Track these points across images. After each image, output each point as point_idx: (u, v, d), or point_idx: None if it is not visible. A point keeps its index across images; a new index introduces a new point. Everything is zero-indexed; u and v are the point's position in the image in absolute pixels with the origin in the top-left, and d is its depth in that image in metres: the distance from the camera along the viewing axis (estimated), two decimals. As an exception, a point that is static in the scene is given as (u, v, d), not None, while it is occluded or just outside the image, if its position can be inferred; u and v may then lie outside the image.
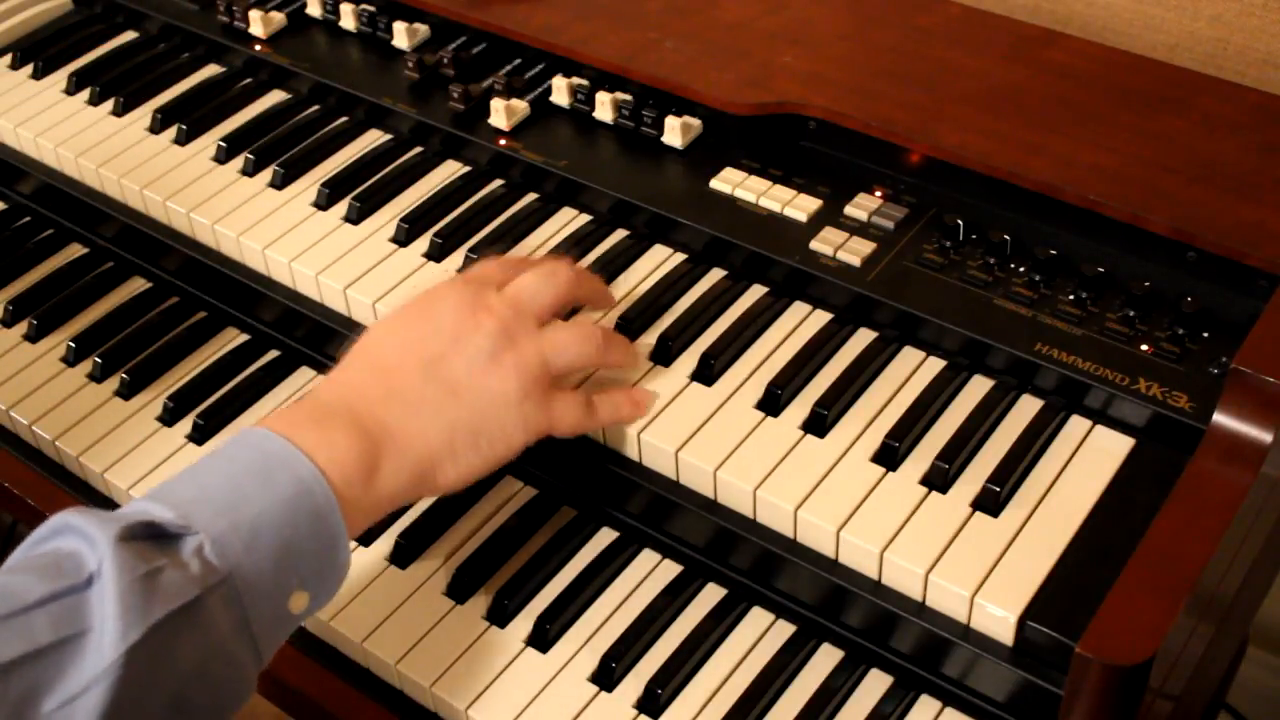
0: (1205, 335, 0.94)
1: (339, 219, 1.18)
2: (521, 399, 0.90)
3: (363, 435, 0.85)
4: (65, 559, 0.75)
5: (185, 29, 1.41)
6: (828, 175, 1.11)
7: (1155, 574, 0.79)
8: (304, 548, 0.80)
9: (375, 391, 0.88)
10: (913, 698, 0.91)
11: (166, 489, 0.81)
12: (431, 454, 0.88)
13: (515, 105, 1.20)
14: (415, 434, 0.87)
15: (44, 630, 0.72)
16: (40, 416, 1.16)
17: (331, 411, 0.86)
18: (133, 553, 0.74)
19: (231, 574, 0.77)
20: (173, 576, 0.75)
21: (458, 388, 0.89)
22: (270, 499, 0.80)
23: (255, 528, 0.78)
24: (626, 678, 0.93)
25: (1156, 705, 0.84)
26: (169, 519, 0.78)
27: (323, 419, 0.85)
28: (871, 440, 0.94)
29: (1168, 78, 1.12)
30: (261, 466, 0.81)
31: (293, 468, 0.81)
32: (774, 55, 1.17)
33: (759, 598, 0.97)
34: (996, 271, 1.01)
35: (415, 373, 0.89)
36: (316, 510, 0.81)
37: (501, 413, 0.90)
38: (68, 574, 0.74)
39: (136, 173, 1.25)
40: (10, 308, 1.27)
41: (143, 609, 0.73)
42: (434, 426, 0.88)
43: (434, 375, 0.89)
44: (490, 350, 0.90)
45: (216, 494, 0.79)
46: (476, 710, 0.92)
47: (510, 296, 0.94)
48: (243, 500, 0.79)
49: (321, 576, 0.82)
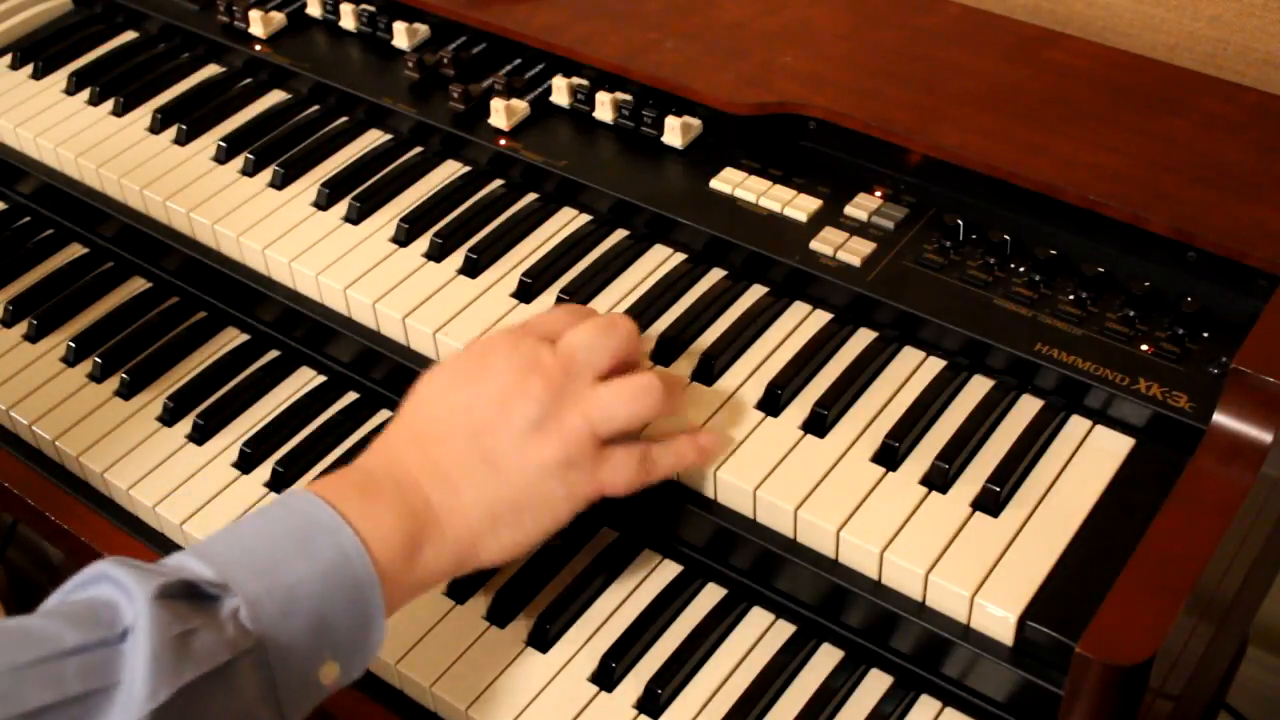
0: (1205, 335, 0.94)
1: (339, 219, 1.18)
2: (566, 469, 0.87)
3: (408, 513, 0.83)
4: (102, 608, 0.74)
5: (185, 29, 1.41)
6: (828, 175, 1.11)
7: (1155, 574, 0.79)
8: (339, 620, 0.79)
9: (421, 465, 0.86)
10: (913, 698, 0.91)
11: (208, 545, 0.80)
12: (472, 534, 0.85)
13: (515, 105, 1.20)
14: (457, 513, 0.85)
15: (74, 680, 0.71)
16: (40, 416, 1.16)
17: (378, 484, 0.84)
18: (169, 611, 0.73)
19: (263, 640, 0.76)
20: (206, 639, 0.74)
21: (501, 463, 0.86)
22: (310, 567, 0.78)
23: (292, 594, 0.77)
24: (626, 678, 0.93)
25: (1156, 705, 0.84)
26: (208, 578, 0.77)
27: (369, 491, 0.84)
28: (871, 440, 0.94)
29: (1168, 78, 1.12)
30: (305, 533, 0.80)
31: (335, 538, 0.80)
32: (774, 55, 1.17)
33: (759, 598, 0.97)
34: (996, 271, 1.01)
35: (460, 447, 0.86)
36: (356, 583, 0.79)
37: (546, 486, 0.86)
38: (103, 625, 0.73)
39: (136, 173, 1.25)
40: (10, 308, 1.27)
41: (174, 670, 0.72)
42: (476, 506, 0.85)
43: (478, 448, 0.86)
44: (537, 419, 0.86)
45: (257, 556, 0.78)
46: (476, 710, 0.92)
47: (564, 355, 0.89)
48: (282, 565, 0.78)
49: (354, 649, 0.80)
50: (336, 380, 1.17)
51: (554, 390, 0.87)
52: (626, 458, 0.89)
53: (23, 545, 2.10)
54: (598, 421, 0.88)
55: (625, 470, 0.89)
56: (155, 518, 1.08)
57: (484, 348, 0.91)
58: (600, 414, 0.88)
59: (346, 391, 1.16)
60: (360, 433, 1.12)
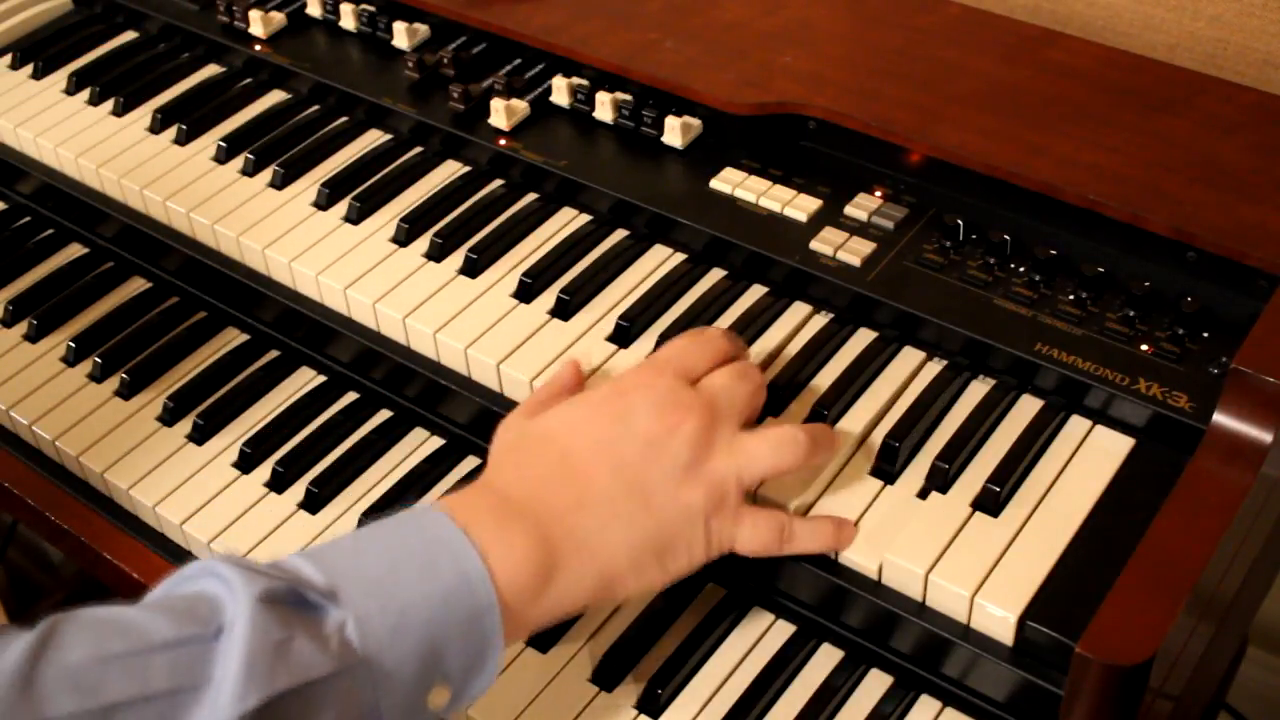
0: (1205, 335, 0.94)
1: (339, 219, 1.18)
2: (711, 515, 0.85)
3: (544, 544, 0.80)
4: (202, 604, 0.72)
5: (185, 29, 1.41)
6: (828, 175, 1.11)
7: (1155, 574, 0.79)
8: (453, 646, 0.75)
9: (566, 497, 0.82)
10: (913, 698, 0.91)
11: (324, 551, 0.77)
12: (616, 569, 0.82)
13: (515, 105, 1.20)
14: (601, 547, 0.82)
15: (160, 676, 0.68)
16: (40, 416, 1.16)
17: (516, 512, 0.81)
18: (272, 615, 0.70)
19: (369, 659, 0.72)
20: (305, 648, 0.70)
21: (650, 499, 0.83)
22: (428, 588, 0.75)
23: (405, 615, 0.73)
24: (626, 678, 0.93)
25: (1156, 705, 0.84)
26: (318, 584, 0.73)
27: (505, 518, 0.80)
28: (872, 441, 0.94)
29: (1167, 78, 1.12)
30: (427, 552, 0.76)
31: (460, 561, 0.76)
32: (774, 55, 1.17)
33: (759, 598, 0.97)
34: (996, 271, 1.01)
35: (608, 480, 0.83)
36: (476, 610, 0.76)
37: (689, 529, 0.84)
38: (199, 621, 0.70)
39: (136, 173, 1.25)
40: (10, 308, 1.27)
41: (267, 676, 0.68)
42: (623, 540, 0.82)
43: (627, 483, 0.83)
44: (688, 461, 0.84)
45: (372, 570, 0.75)
46: (476, 710, 0.92)
47: (707, 397, 0.87)
48: (398, 583, 0.74)
49: (467, 676, 0.77)
50: (336, 380, 1.17)
51: (700, 432, 0.85)
52: (769, 522, 0.87)
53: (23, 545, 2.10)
54: (744, 469, 0.86)
55: (764, 534, 0.87)
56: (155, 518, 1.08)
57: (622, 386, 0.88)
58: (747, 461, 0.86)
59: (346, 391, 1.16)
60: (360, 432, 1.12)
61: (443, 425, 1.11)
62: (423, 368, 1.08)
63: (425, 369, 1.07)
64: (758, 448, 0.87)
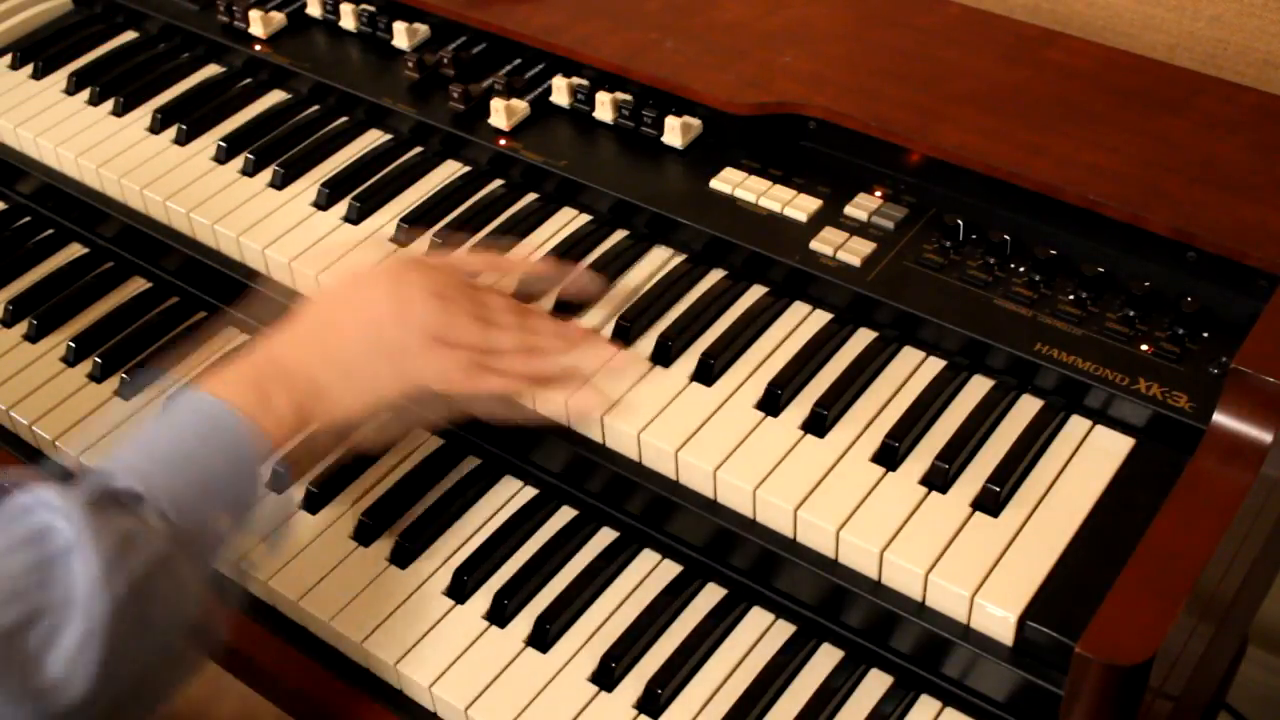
0: (1205, 335, 0.94)
1: (339, 219, 1.18)
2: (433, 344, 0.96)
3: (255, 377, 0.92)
4: (38, 531, 0.80)
5: (185, 29, 1.41)
6: (828, 175, 1.11)
7: (1155, 574, 0.79)
8: (233, 481, 0.89)
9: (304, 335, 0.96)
10: (913, 698, 0.91)
11: (123, 453, 0.87)
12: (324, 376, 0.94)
13: (515, 105, 1.20)
14: (327, 364, 0.94)
15: (37, 595, 0.77)
16: (40, 416, 1.16)
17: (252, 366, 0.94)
18: (101, 518, 0.80)
19: (184, 526, 0.84)
20: (138, 531, 0.81)
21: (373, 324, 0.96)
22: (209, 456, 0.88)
23: (205, 485, 0.87)
24: (626, 678, 0.93)
25: (1156, 705, 0.84)
26: (129, 487, 0.84)
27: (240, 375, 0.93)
28: (871, 440, 0.94)
29: (1168, 78, 1.12)
30: (197, 430, 0.89)
31: (221, 422, 0.89)
32: (774, 55, 1.17)
33: (759, 598, 0.97)
34: (996, 271, 1.01)
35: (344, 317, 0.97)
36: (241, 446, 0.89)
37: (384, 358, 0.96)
38: (46, 541, 0.79)
39: (136, 173, 1.25)
40: (10, 308, 1.27)
41: (121, 565, 0.78)
42: (345, 356, 0.95)
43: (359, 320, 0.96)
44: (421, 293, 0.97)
45: (165, 455, 0.87)
46: (476, 710, 0.92)
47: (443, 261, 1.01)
48: (188, 457, 0.87)
49: (243, 505, 0.90)
50: (336, 380, 1.17)
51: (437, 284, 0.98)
52: (454, 360, 0.97)
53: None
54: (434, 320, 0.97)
55: (443, 366, 0.97)
56: (155, 518, 1.08)
57: None
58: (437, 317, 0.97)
59: (346, 391, 1.16)
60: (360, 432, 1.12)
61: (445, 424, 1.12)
62: (423, 368, 1.07)
63: (425, 369, 1.07)
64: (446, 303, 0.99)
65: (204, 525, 0.86)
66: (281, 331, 0.96)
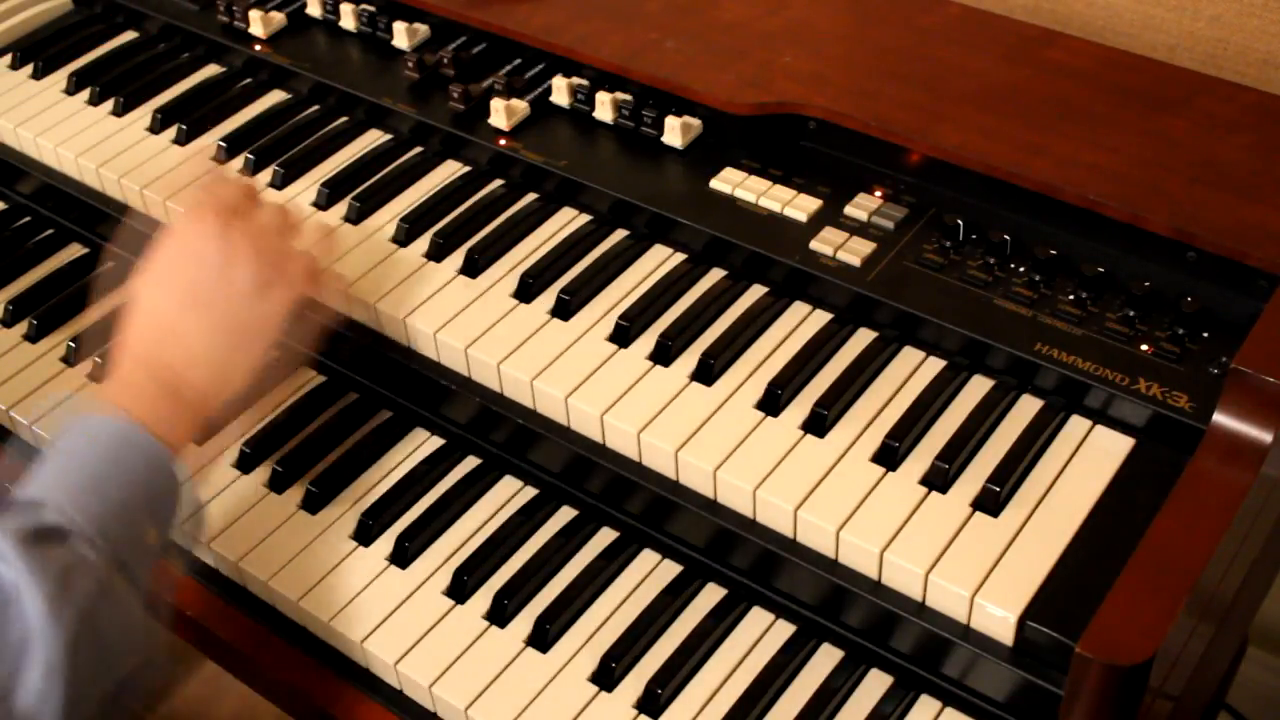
0: (1205, 335, 0.94)
1: (339, 219, 1.18)
2: (265, 288, 0.99)
3: (147, 372, 0.96)
4: None
5: (185, 29, 1.41)
6: (828, 175, 1.11)
7: (1155, 574, 0.79)
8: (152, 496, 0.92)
9: (148, 331, 0.98)
10: (913, 698, 0.91)
11: (40, 483, 0.89)
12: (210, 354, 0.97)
13: (515, 105, 1.20)
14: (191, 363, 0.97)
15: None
16: (40, 417, 1.16)
17: (129, 370, 0.97)
18: (38, 555, 0.82)
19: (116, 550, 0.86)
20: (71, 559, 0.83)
21: (209, 303, 0.98)
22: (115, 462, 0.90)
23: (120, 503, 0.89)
24: (626, 678, 0.93)
25: (1156, 705, 0.84)
26: (56, 521, 0.85)
27: (125, 381, 0.96)
28: (871, 440, 0.94)
29: (1168, 78, 1.12)
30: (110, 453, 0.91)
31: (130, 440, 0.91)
32: (774, 55, 1.17)
33: (759, 598, 0.97)
34: (996, 271, 1.01)
35: (176, 307, 0.98)
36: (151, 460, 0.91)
37: (252, 306, 0.99)
38: None
39: (136, 173, 1.25)
40: (10, 308, 1.27)
41: (65, 598, 0.81)
42: (200, 346, 0.97)
43: (191, 302, 0.98)
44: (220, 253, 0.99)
45: (84, 484, 0.89)
46: (476, 710, 0.92)
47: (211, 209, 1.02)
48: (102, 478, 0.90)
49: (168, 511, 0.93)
50: (337, 381, 1.17)
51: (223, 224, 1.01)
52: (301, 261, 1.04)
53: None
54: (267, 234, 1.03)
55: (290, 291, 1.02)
56: (155, 518, 1.08)
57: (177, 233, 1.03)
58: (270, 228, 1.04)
59: (347, 392, 1.16)
60: (360, 432, 1.12)
61: (442, 425, 1.12)
62: (423, 367, 1.08)
63: (425, 369, 1.07)
64: None
65: (133, 543, 0.89)
66: (134, 331, 0.99)
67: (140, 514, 0.90)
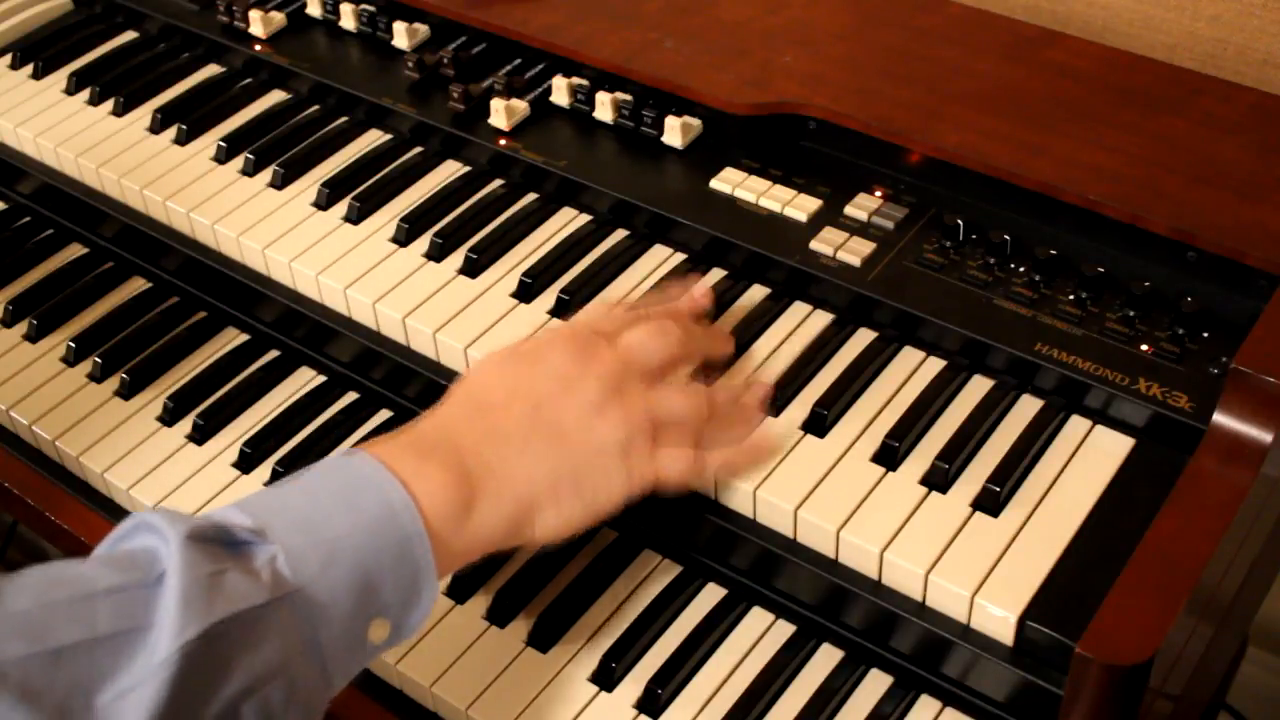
0: (1205, 335, 0.94)
1: (339, 219, 1.18)
2: (627, 447, 0.87)
3: (461, 473, 0.82)
4: (140, 554, 0.74)
5: (185, 29, 1.41)
6: (828, 175, 1.11)
7: (1155, 574, 0.79)
8: (386, 576, 0.77)
9: (479, 429, 0.85)
10: (913, 698, 0.91)
11: (250, 499, 0.79)
12: (532, 497, 0.84)
13: (515, 105, 1.20)
14: (518, 476, 0.84)
15: (105, 620, 0.70)
16: (40, 416, 1.16)
17: (431, 444, 0.83)
18: (201, 552, 0.73)
19: (303, 590, 0.74)
20: (238, 580, 0.73)
21: (564, 432, 0.86)
22: (354, 521, 0.77)
23: (334, 548, 0.76)
24: (626, 678, 0.93)
25: (1156, 705, 0.84)
26: (245, 525, 0.76)
27: (423, 451, 0.82)
28: (872, 440, 0.94)
29: (1168, 78, 1.12)
30: (350, 487, 0.79)
31: (382, 492, 0.79)
32: (774, 55, 1.17)
33: (759, 598, 0.97)
34: (996, 271, 1.01)
35: (522, 413, 0.86)
36: (404, 538, 0.78)
37: (607, 462, 0.86)
38: (140, 567, 0.73)
39: (136, 173, 1.25)
40: (10, 308, 1.27)
41: (204, 608, 0.71)
42: (538, 470, 0.85)
43: (541, 418, 0.86)
44: (599, 397, 0.87)
45: (298, 509, 0.77)
46: (476, 710, 0.92)
47: (622, 350, 0.91)
48: (325, 519, 0.77)
49: (404, 608, 0.79)
50: (336, 380, 1.17)
51: (612, 376, 0.89)
52: (682, 453, 0.90)
53: (23, 545, 2.10)
54: (658, 413, 0.89)
55: (680, 463, 0.90)
56: (155, 518, 1.08)
57: (541, 338, 0.93)
58: (660, 407, 0.90)
59: (347, 391, 1.16)
60: (360, 432, 1.12)
61: (443, 425, 1.12)
62: (423, 368, 1.08)
63: (425, 369, 1.07)
64: (671, 396, 0.91)
65: (323, 592, 0.75)
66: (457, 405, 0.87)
67: (345, 567, 0.76)
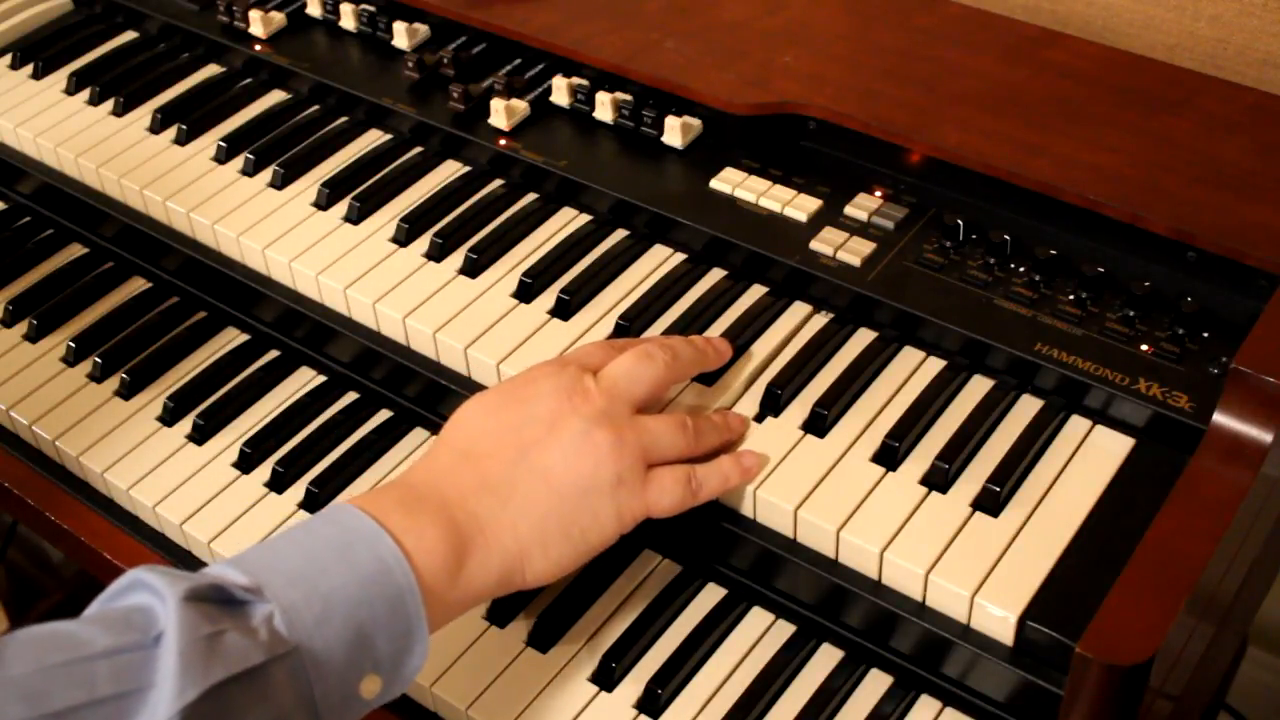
0: (1205, 335, 0.94)
1: (339, 219, 1.18)
2: (616, 485, 0.87)
3: (452, 527, 0.82)
4: (135, 614, 0.74)
5: (185, 29, 1.41)
6: (828, 175, 1.11)
7: (1155, 574, 0.79)
8: (379, 630, 0.78)
9: (468, 481, 0.85)
10: (913, 698, 0.91)
11: (244, 555, 0.79)
12: (521, 547, 0.85)
13: (515, 105, 1.20)
14: (505, 526, 0.84)
15: (104, 682, 0.70)
16: (40, 416, 1.16)
17: (421, 498, 0.84)
18: (199, 613, 0.73)
19: (300, 647, 0.74)
20: (237, 641, 0.73)
21: (551, 477, 0.86)
22: (348, 575, 0.77)
23: (329, 602, 0.76)
24: (626, 678, 0.93)
25: (1156, 705, 0.84)
26: (240, 583, 0.76)
27: (412, 505, 0.83)
28: (871, 440, 0.94)
29: (1168, 78, 1.12)
30: (343, 542, 0.79)
31: (375, 547, 0.79)
32: (774, 55, 1.17)
33: (759, 598, 0.97)
34: (996, 271, 1.01)
35: (509, 461, 0.86)
36: (396, 593, 0.78)
37: (596, 502, 0.87)
38: (136, 629, 0.73)
39: (136, 173, 1.26)
40: (10, 308, 1.27)
41: (203, 669, 0.71)
42: (526, 519, 0.85)
43: (527, 465, 0.86)
44: (584, 438, 0.87)
45: (292, 564, 0.77)
46: (476, 710, 0.92)
47: (607, 382, 0.91)
48: (319, 574, 0.77)
49: (396, 663, 0.79)
50: (336, 380, 1.17)
51: (597, 411, 0.89)
52: (674, 479, 0.90)
53: (23, 545, 2.10)
54: (646, 444, 0.89)
55: (673, 491, 0.90)
56: (155, 518, 1.08)
57: (526, 375, 0.92)
58: (648, 438, 0.90)
59: (347, 391, 1.16)
60: (360, 432, 1.12)
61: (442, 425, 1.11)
62: (423, 368, 1.08)
63: (425, 369, 1.07)
64: (657, 425, 0.91)
65: (319, 648, 0.75)
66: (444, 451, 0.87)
67: (338, 621, 0.76)
